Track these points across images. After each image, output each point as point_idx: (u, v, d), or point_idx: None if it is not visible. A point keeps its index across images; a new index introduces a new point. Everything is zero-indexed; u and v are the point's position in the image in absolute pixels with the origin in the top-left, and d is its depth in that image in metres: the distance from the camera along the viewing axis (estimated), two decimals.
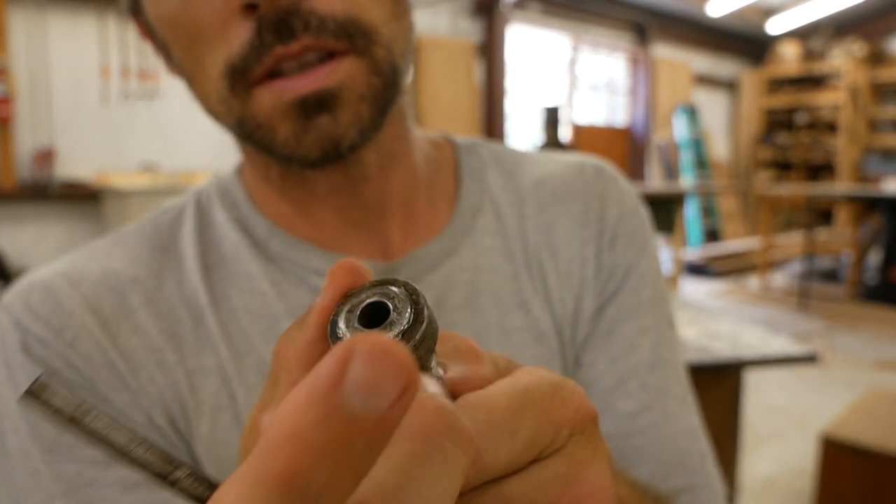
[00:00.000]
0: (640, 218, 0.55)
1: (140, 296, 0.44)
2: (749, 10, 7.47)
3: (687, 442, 0.49)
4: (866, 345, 4.06)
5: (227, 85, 0.39)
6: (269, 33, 0.36)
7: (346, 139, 0.39)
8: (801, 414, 3.05)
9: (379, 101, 0.40)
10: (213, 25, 0.38)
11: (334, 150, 0.39)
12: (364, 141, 0.40)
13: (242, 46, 0.37)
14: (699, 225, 7.50)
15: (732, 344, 1.59)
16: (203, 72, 0.40)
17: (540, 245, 0.51)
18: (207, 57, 0.39)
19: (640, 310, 0.51)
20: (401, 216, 0.48)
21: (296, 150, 0.39)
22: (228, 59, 0.38)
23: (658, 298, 0.53)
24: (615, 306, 0.51)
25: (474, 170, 0.53)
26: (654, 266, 0.54)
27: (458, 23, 5.66)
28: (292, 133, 0.39)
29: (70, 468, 0.39)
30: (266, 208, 0.48)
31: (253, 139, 0.41)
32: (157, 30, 0.42)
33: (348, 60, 0.38)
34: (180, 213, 0.49)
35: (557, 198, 0.53)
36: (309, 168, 0.42)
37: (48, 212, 3.77)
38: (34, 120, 3.68)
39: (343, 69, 0.38)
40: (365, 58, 0.39)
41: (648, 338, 0.51)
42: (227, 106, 0.40)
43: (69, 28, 3.77)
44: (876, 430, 1.78)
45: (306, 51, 0.37)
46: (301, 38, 0.36)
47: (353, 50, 0.38)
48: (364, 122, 0.39)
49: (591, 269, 0.51)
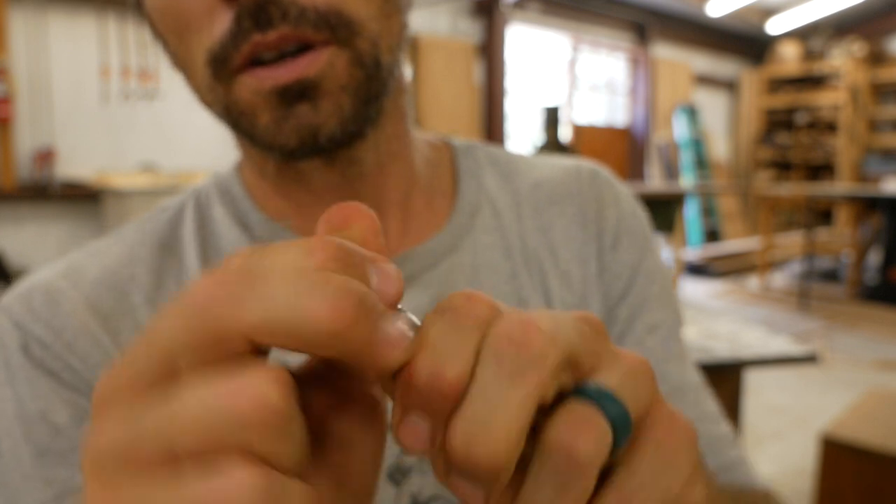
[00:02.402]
0: (638, 218, 0.55)
1: (140, 294, 0.44)
2: (749, 10, 7.47)
3: (710, 426, 0.50)
4: (866, 345, 4.06)
5: (211, 73, 0.39)
6: (247, 20, 0.36)
7: (325, 129, 0.39)
8: (801, 414, 3.05)
9: (361, 93, 0.39)
10: (198, 14, 0.38)
11: (312, 139, 0.39)
12: (345, 133, 0.40)
13: (223, 34, 0.37)
14: (699, 225, 7.50)
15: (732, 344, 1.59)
16: (192, 61, 0.40)
17: (539, 245, 0.51)
18: (194, 45, 0.39)
19: (649, 307, 0.52)
20: (398, 215, 0.48)
21: (275, 138, 0.39)
22: (210, 46, 0.38)
23: (665, 294, 0.53)
24: (626, 307, 0.51)
25: (471, 170, 0.53)
26: (658, 263, 0.54)
27: (458, 23, 5.66)
28: (272, 120, 0.39)
29: (62, 472, 0.40)
30: (264, 205, 0.48)
31: (238, 127, 0.41)
32: (153, 22, 0.42)
33: (329, 50, 0.38)
34: (180, 210, 0.49)
35: (554, 200, 0.53)
36: (290, 158, 0.42)
37: (48, 212, 3.77)
38: (34, 120, 3.68)
39: (323, 59, 0.38)
40: (347, 49, 0.38)
41: (659, 333, 0.51)
42: (213, 94, 0.40)
43: (69, 28, 3.77)
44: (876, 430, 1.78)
45: (284, 40, 0.37)
46: (279, 27, 0.36)
47: (335, 40, 0.38)
48: (344, 113, 0.39)
49: (593, 268, 0.51)
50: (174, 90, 3.90)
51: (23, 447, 0.40)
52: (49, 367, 0.41)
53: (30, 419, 0.40)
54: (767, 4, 7.57)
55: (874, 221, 5.31)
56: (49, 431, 0.40)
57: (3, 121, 3.50)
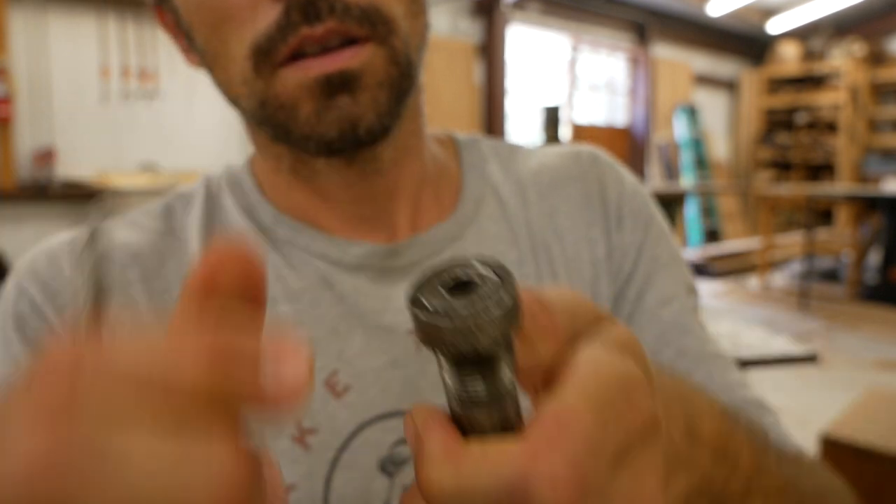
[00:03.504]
0: (641, 196, 0.55)
1: (138, 271, 0.45)
2: (749, 10, 7.47)
3: (739, 392, 0.49)
4: (866, 345, 4.06)
5: (252, 66, 0.40)
6: (297, 14, 0.38)
7: (364, 121, 0.40)
8: (801, 414, 3.05)
9: (395, 90, 0.41)
10: (242, 7, 0.39)
11: (352, 131, 0.40)
12: (381, 127, 0.41)
13: (269, 27, 0.39)
14: (699, 225, 7.50)
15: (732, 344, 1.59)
16: (227, 54, 0.41)
17: (545, 231, 0.52)
18: (233, 38, 0.40)
19: (659, 280, 0.51)
20: (409, 209, 0.49)
21: (315, 128, 0.40)
22: (254, 39, 0.39)
23: (675, 267, 0.53)
24: (633, 286, 0.51)
25: (475, 163, 0.54)
26: (664, 239, 0.54)
27: (458, 23, 5.66)
28: (314, 111, 0.40)
29: None
30: (275, 198, 0.49)
31: (273, 121, 0.42)
32: (182, 14, 0.43)
33: (369, 47, 0.39)
34: (191, 197, 0.50)
35: (557, 185, 0.53)
36: (326, 151, 0.42)
37: (48, 212, 3.77)
38: (34, 120, 3.68)
39: (365, 54, 0.39)
40: (385, 46, 0.40)
41: (672, 306, 0.50)
42: (249, 88, 0.41)
43: (69, 28, 3.77)
44: (876, 430, 1.78)
45: (330, 34, 0.38)
46: (326, 21, 0.38)
47: (374, 37, 0.39)
48: (381, 108, 0.40)
49: (602, 249, 0.51)
50: (174, 90, 3.90)
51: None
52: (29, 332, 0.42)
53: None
54: (767, 4, 7.56)
55: (874, 221, 5.31)
56: None
57: (4, 121, 3.50)
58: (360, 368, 0.45)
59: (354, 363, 0.45)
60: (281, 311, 0.45)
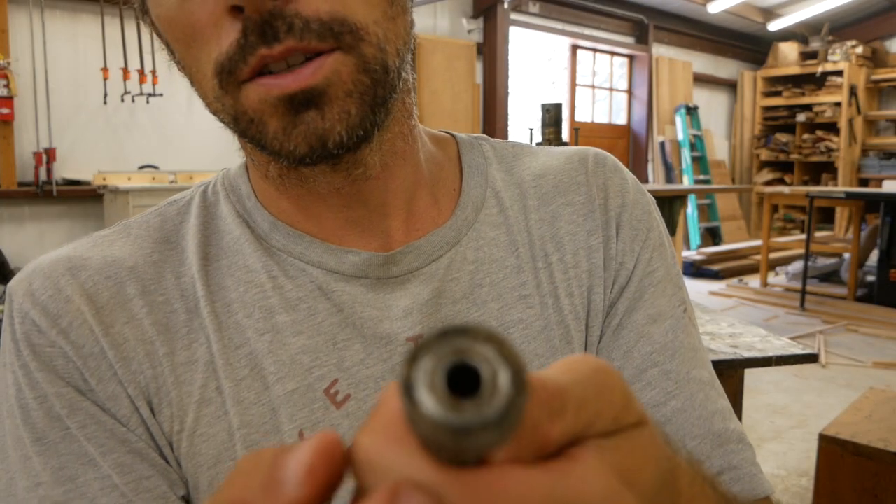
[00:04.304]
0: (643, 206, 0.54)
1: (137, 286, 0.45)
2: (749, 10, 7.47)
3: (719, 423, 0.48)
4: (866, 345, 4.06)
5: (218, 83, 0.39)
6: (254, 35, 0.37)
7: (332, 135, 0.39)
8: (801, 414, 3.05)
9: (368, 98, 0.39)
10: (206, 25, 0.38)
11: (321, 146, 0.39)
12: (353, 138, 0.40)
13: (230, 46, 0.38)
14: (699, 225, 7.50)
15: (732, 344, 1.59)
16: (200, 70, 0.41)
17: (545, 238, 0.51)
18: (202, 55, 0.40)
19: (652, 297, 0.51)
20: (403, 212, 0.48)
21: (284, 145, 0.39)
22: (218, 58, 0.39)
23: (670, 284, 0.52)
24: (625, 299, 0.51)
25: (476, 165, 0.53)
26: (661, 253, 0.53)
27: (458, 23, 5.67)
28: (281, 128, 0.39)
29: (54, 461, 0.41)
30: (269, 204, 0.49)
31: (247, 135, 0.41)
32: (160, 30, 0.42)
33: (334, 57, 0.38)
34: (187, 204, 0.50)
35: (559, 190, 0.53)
36: (299, 165, 0.42)
37: (48, 212, 3.77)
38: (34, 120, 3.68)
39: (328, 66, 0.38)
40: (352, 55, 0.38)
41: (662, 325, 0.50)
42: (221, 103, 0.41)
43: (69, 28, 3.78)
44: (876, 430, 1.78)
45: (290, 52, 0.37)
46: (284, 41, 0.37)
47: (340, 47, 0.38)
48: (351, 119, 0.39)
49: (600, 259, 0.51)
50: (174, 90, 3.90)
51: (23, 430, 0.41)
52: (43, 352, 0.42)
53: (27, 406, 0.41)
54: (767, 4, 7.56)
55: (874, 221, 5.31)
56: (44, 417, 0.41)
57: (4, 121, 3.50)
58: (359, 377, 0.45)
59: (354, 372, 0.45)
60: (279, 321, 0.45)
